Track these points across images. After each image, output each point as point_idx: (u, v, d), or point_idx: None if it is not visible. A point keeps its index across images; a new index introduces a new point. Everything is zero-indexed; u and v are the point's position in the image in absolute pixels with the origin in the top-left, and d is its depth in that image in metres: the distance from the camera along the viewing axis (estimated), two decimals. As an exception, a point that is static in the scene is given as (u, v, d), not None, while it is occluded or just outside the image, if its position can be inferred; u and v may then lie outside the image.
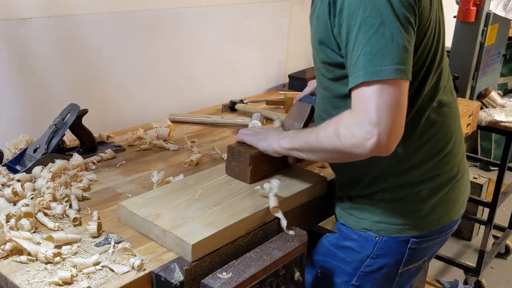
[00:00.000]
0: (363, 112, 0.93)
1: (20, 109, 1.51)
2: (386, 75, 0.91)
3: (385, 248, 1.14)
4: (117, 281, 0.92)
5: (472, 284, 2.62)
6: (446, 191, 1.15)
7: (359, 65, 0.93)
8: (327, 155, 1.07)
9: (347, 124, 0.97)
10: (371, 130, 0.92)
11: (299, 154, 1.13)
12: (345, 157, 1.03)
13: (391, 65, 0.91)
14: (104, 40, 1.66)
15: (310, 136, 1.08)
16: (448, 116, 1.14)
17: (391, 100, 0.92)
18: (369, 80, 0.92)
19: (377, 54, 0.91)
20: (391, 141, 0.94)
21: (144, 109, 1.83)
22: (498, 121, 2.28)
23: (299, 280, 1.10)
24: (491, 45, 2.40)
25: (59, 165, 1.27)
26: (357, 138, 0.94)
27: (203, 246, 1.00)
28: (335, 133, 0.99)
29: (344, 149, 0.98)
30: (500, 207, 2.63)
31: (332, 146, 1.01)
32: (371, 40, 0.92)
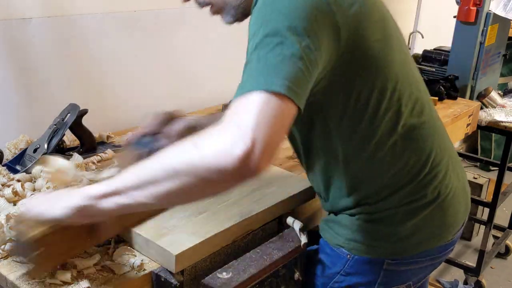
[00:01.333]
0: (238, 117, 0.75)
1: (20, 109, 1.51)
2: (277, 87, 0.76)
3: (356, 266, 1.09)
4: (117, 281, 0.92)
5: (472, 284, 2.62)
6: (425, 215, 1.07)
7: (249, 79, 0.79)
8: (172, 183, 0.76)
9: (213, 132, 0.75)
10: (244, 134, 0.72)
11: (117, 200, 0.81)
12: (203, 180, 0.75)
13: (284, 80, 0.77)
14: (104, 40, 1.66)
15: (143, 165, 0.80)
16: (421, 139, 1.05)
17: (276, 113, 0.76)
18: (256, 89, 0.76)
19: (270, 67, 0.78)
20: (264, 156, 0.73)
21: (144, 109, 1.82)
22: (498, 121, 2.28)
23: (299, 280, 1.10)
24: (491, 45, 2.40)
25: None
26: (223, 142, 0.73)
27: (187, 256, 0.97)
28: (193, 144, 0.76)
29: (206, 161, 0.73)
30: (500, 207, 2.63)
31: (184, 162, 0.75)
32: (267, 56, 0.79)
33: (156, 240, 0.98)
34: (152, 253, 0.99)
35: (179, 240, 0.99)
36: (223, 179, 0.74)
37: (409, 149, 1.03)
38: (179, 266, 0.96)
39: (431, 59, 2.51)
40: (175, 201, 0.86)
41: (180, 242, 0.98)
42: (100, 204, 0.82)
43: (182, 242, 0.98)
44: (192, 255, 0.98)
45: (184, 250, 0.96)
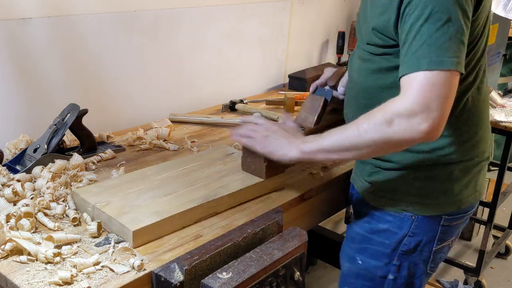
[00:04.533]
0: (423, 98, 0.94)
1: (20, 109, 1.51)
2: (448, 65, 0.94)
3: (420, 226, 1.18)
4: (117, 281, 0.92)
5: (472, 284, 2.62)
6: (476, 173, 1.19)
7: (421, 53, 0.96)
8: (370, 148, 1.02)
9: (402, 109, 0.96)
10: (428, 115, 0.94)
11: (327, 155, 1.08)
12: (391, 146, 1.01)
13: (452, 58, 0.95)
14: (104, 40, 1.66)
15: (345, 132, 1.05)
16: (483, 103, 1.18)
17: (449, 89, 0.95)
18: (432, 68, 0.94)
19: (440, 46, 0.95)
20: (440, 129, 0.97)
21: (144, 109, 1.83)
22: (498, 121, 2.28)
23: (299, 280, 1.10)
24: (491, 45, 2.40)
25: (59, 165, 1.27)
26: (413, 122, 0.95)
27: (146, 233, 1.03)
28: (385, 120, 0.98)
29: (396, 135, 0.97)
30: (500, 207, 2.63)
31: (380, 135, 0.99)
32: (436, 33, 0.95)
33: (117, 218, 1.04)
34: (114, 230, 1.05)
35: (139, 218, 1.05)
36: (410, 145, 1.02)
37: (474, 109, 1.15)
38: (137, 242, 1.02)
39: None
40: (371, 157, 1.17)
41: (139, 220, 1.04)
42: (315, 156, 1.11)
43: (142, 220, 1.04)
44: (151, 233, 1.04)
45: (142, 227, 1.02)
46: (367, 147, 1.02)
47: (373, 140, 1.00)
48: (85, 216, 1.10)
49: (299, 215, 1.30)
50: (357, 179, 1.28)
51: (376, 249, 1.23)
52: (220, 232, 1.09)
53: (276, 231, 1.15)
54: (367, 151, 1.03)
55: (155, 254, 1.01)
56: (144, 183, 1.20)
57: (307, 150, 1.10)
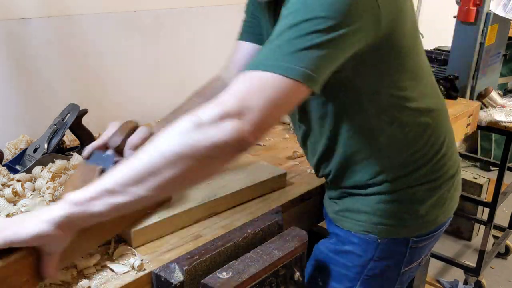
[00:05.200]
0: (246, 94, 0.78)
1: (20, 109, 1.51)
2: (295, 75, 0.79)
3: (386, 249, 1.14)
4: (117, 281, 0.92)
5: (472, 284, 2.62)
6: (443, 192, 1.15)
7: (270, 55, 0.81)
8: (175, 169, 0.74)
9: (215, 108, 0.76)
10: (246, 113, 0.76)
11: (111, 200, 0.74)
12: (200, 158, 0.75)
13: (304, 68, 0.80)
14: (104, 40, 1.66)
15: (135, 158, 0.76)
16: (439, 120, 1.13)
17: (284, 98, 0.80)
18: (274, 71, 0.79)
19: (294, 54, 0.80)
20: (260, 134, 0.79)
21: (144, 109, 1.83)
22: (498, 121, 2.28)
23: (299, 280, 1.10)
24: (491, 45, 2.39)
25: (59, 165, 1.27)
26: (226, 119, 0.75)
27: (146, 233, 1.03)
28: (192, 123, 0.75)
29: (207, 139, 0.74)
30: (500, 207, 2.63)
31: (191, 144, 0.74)
32: (295, 40, 0.81)
33: None
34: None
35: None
36: (223, 153, 0.76)
37: (431, 128, 1.10)
38: (137, 242, 1.02)
39: (431, 59, 2.50)
40: (178, 188, 0.83)
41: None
42: (91, 208, 0.73)
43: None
44: (151, 233, 1.04)
45: (142, 227, 1.02)
46: (169, 167, 0.74)
47: (175, 153, 0.74)
48: None
49: (299, 215, 1.30)
50: (326, 199, 1.24)
51: (339, 271, 1.18)
52: (220, 232, 1.09)
53: (276, 231, 1.15)
54: (170, 174, 0.74)
55: (155, 254, 1.01)
56: None
57: (79, 199, 0.74)
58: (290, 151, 1.55)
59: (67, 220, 0.73)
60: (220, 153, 0.76)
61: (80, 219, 0.74)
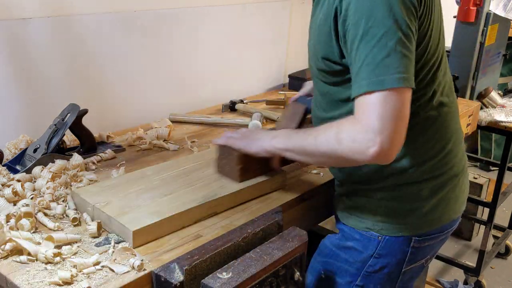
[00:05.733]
0: (366, 120, 0.93)
1: (20, 109, 1.51)
2: (389, 84, 0.91)
3: (387, 247, 1.15)
4: (117, 281, 0.92)
5: (472, 284, 2.62)
6: (447, 191, 1.15)
7: (362, 75, 0.94)
8: (324, 159, 1.06)
9: (350, 130, 0.97)
10: (373, 138, 0.92)
11: (292, 155, 1.11)
12: (343, 162, 1.04)
13: (394, 74, 0.92)
14: (104, 40, 1.66)
15: (306, 139, 1.07)
16: (448, 116, 1.14)
17: (395, 109, 0.92)
18: (372, 90, 0.92)
19: (379, 64, 0.92)
20: (392, 150, 0.94)
21: (144, 109, 1.83)
22: (498, 121, 2.28)
23: (299, 280, 1.10)
24: (491, 45, 2.40)
25: (59, 165, 1.27)
26: (359, 144, 0.94)
27: (146, 233, 1.03)
28: (336, 138, 0.99)
29: (345, 155, 0.98)
30: (500, 207, 2.63)
31: (331, 150, 1.00)
32: (373, 51, 0.92)
33: (117, 217, 1.04)
34: (115, 230, 1.06)
35: (139, 218, 1.05)
36: (362, 163, 1.00)
37: (438, 123, 1.12)
38: (137, 242, 1.02)
39: (431, 59, 2.50)
40: (325, 165, 1.29)
41: (139, 220, 1.04)
42: (281, 153, 1.13)
43: (142, 220, 1.04)
44: (151, 233, 1.05)
45: (142, 227, 1.02)
46: (321, 157, 1.05)
47: (324, 153, 1.03)
48: (85, 216, 1.10)
49: (299, 215, 1.30)
50: (335, 197, 1.27)
51: (341, 266, 1.21)
52: (220, 232, 1.09)
53: (276, 231, 1.15)
54: (322, 160, 1.09)
55: (155, 254, 1.01)
56: (144, 183, 1.20)
57: (277, 146, 1.13)
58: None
59: (271, 153, 1.16)
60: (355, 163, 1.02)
61: (274, 154, 1.17)
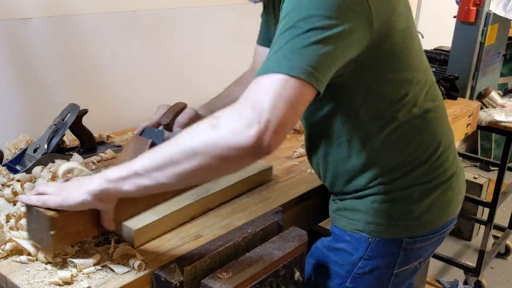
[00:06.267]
0: (256, 96, 0.81)
1: (20, 109, 1.51)
2: (299, 73, 0.81)
3: (377, 249, 1.14)
4: (117, 281, 0.92)
5: (472, 284, 2.62)
6: (438, 193, 1.14)
7: (272, 60, 0.84)
8: (190, 162, 0.82)
9: (230, 112, 0.81)
10: (259, 115, 0.78)
11: (137, 182, 0.86)
12: (216, 157, 0.81)
13: (307, 67, 0.82)
14: (104, 40, 1.66)
15: (160, 148, 0.86)
16: (434, 122, 1.12)
17: (294, 97, 0.81)
18: (278, 72, 0.81)
19: (295, 53, 0.83)
20: (276, 136, 0.80)
21: (144, 109, 1.82)
22: (498, 121, 2.28)
23: (299, 280, 1.10)
24: (491, 45, 2.40)
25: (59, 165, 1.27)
26: (239, 122, 0.79)
27: (147, 232, 1.04)
28: (210, 124, 0.82)
29: (220, 140, 0.80)
30: (500, 207, 2.63)
31: (202, 142, 0.81)
32: (295, 39, 0.83)
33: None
34: (114, 230, 1.05)
35: (139, 217, 1.06)
36: (238, 157, 0.81)
37: (425, 130, 1.10)
38: (139, 241, 1.03)
39: (431, 59, 2.51)
40: (194, 180, 0.93)
41: (140, 219, 1.05)
42: (121, 187, 0.88)
43: (142, 218, 1.05)
44: (151, 231, 1.06)
45: (144, 226, 1.03)
46: (185, 160, 0.82)
47: (192, 148, 0.81)
48: None
49: (299, 215, 1.30)
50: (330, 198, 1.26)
51: (331, 268, 1.19)
52: (220, 232, 1.09)
53: (276, 231, 1.15)
54: (185, 167, 0.82)
55: (155, 254, 1.01)
56: None
57: (112, 176, 0.88)
58: (290, 151, 1.55)
59: (103, 193, 0.89)
60: (235, 155, 0.80)
61: (113, 194, 0.90)
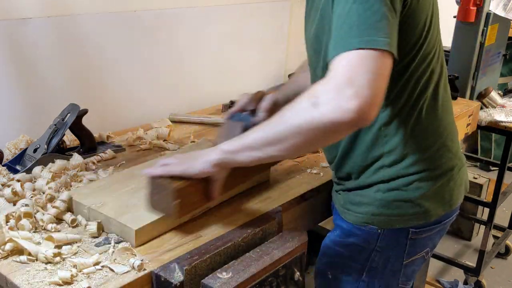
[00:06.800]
0: (350, 73, 0.86)
1: (20, 109, 1.51)
2: (380, 45, 0.87)
3: (386, 239, 1.15)
4: (117, 281, 0.92)
5: (472, 284, 2.62)
6: (441, 183, 1.15)
7: (352, 33, 0.88)
8: (296, 138, 0.91)
9: (327, 89, 0.87)
10: (356, 92, 0.84)
11: (251, 154, 0.97)
12: (320, 132, 0.89)
13: (384, 38, 0.87)
14: (104, 40, 1.66)
15: (268, 125, 0.95)
16: (442, 110, 1.14)
17: (381, 68, 0.87)
18: (363, 47, 0.86)
19: (370, 26, 0.88)
20: (372, 109, 0.86)
21: (144, 109, 1.83)
22: (498, 121, 2.28)
23: (299, 280, 1.10)
24: (491, 45, 2.40)
25: (59, 165, 1.27)
26: (339, 99, 0.84)
27: (147, 232, 1.04)
28: (310, 102, 0.88)
29: (324, 117, 0.86)
30: (500, 207, 2.63)
31: (306, 119, 0.88)
32: (366, 12, 0.88)
33: (117, 218, 1.05)
34: (114, 230, 1.06)
35: (139, 216, 1.06)
36: (341, 130, 0.88)
37: (433, 116, 1.11)
38: (139, 241, 1.03)
39: (431, 59, 2.50)
40: (301, 151, 1.05)
41: (140, 219, 1.05)
42: (236, 157, 0.99)
43: (142, 218, 1.05)
44: (151, 231, 1.05)
45: (144, 226, 1.03)
46: (293, 136, 0.91)
47: (298, 126, 0.90)
48: (80, 218, 1.10)
49: (299, 215, 1.30)
50: (333, 191, 1.27)
51: (346, 263, 1.20)
52: (220, 232, 1.09)
53: (276, 231, 1.15)
54: (293, 142, 0.92)
55: (155, 254, 1.01)
56: (134, 183, 1.20)
57: (229, 148, 0.99)
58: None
59: (221, 162, 1.01)
60: (337, 129, 0.88)
61: (229, 163, 1.01)
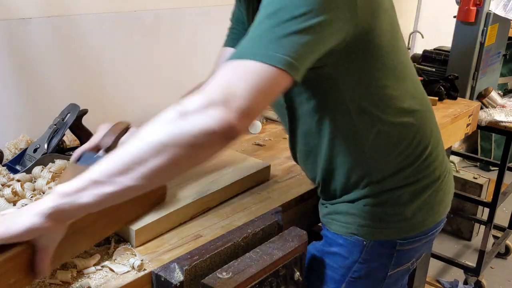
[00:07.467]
0: (228, 82, 0.77)
1: (20, 109, 1.51)
2: (275, 62, 0.79)
3: (372, 252, 1.13)
4: (117, 281, 0.92)
5: (472, 284, 2.62)
6: (429, 194, 1.13)
7: (250, 45, 0.81)
8: (160, 158, 0.73)
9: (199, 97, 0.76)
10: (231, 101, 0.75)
11: (100, 191, 0.74)
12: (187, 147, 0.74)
13: (285, 56, 0.79)
14: (104, 40, 1.66)
15: (120, 150, 0.76)
16: (423, 120, 1.11)
17: (268, 86, 0.79)
18: (255, 59, 0.78)
19: (274, 41, 0.80)
20: (246, 121, 0.77)
21: (144, 109, 1.83)
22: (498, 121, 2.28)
23: (299, 280, 1.10)
24: (491, 45, 2.40)
25: (59, 165, 1.27)
26: (210, 107, 0.74)
27: (147, 232, 1.04)
28: (177, 112, 0.76)
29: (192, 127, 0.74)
30: (500, 207, 2.63)
31: (174, 132, 0.74)
32: (275, 28, 0.81)
33: None
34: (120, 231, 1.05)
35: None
36: (210, 143, 0.75)
37: (414, 129, 1.09)
38: (139, 241, 1.03)
39: (431, 59, 2.51)
40: (164, 178, 0.81)
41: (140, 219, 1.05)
42: (79, 199, 0.74)
43: (142, 219, 1.05)
44: (151, 231, 1.05)
45: (144, 226, 1.03)
46: (154, 156, 0.73)
47: (160, 142, 0.74)
48: None
49: (299, 215, 1.30)
50: (319, 203, 1.25)
51: (325, 272, 1.19)
52: (220, 232, 1.09)
53: (276, 231, 1.15)
54: (155, 163, 0.73)
55: (155, 254, 1.01)
56: None
57: (67, 190, 0.74)
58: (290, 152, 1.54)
59: (57, 211, 0.74)
60: (207, 141, 0.75)
61: (69, 210, 0.75)
